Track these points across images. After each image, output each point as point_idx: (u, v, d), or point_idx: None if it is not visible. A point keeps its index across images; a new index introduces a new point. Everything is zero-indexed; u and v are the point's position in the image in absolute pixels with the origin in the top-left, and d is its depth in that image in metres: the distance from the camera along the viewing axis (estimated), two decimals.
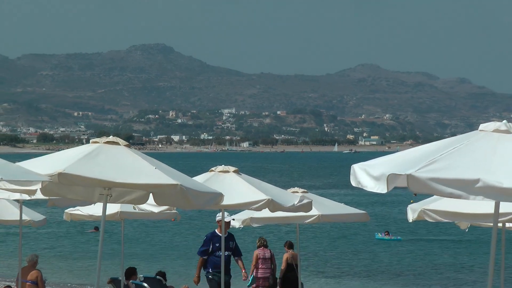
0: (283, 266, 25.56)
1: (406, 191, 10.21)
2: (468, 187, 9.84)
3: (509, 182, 9.73)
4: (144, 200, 14.24)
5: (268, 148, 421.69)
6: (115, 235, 49.18)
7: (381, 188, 9.88)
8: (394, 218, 66.03)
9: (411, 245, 52.72)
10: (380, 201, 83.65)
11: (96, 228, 35.12)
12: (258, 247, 25.63)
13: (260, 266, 25.24)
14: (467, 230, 18.11)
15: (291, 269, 25.17)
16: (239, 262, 20.02)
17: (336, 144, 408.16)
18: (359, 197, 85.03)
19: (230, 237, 19.92)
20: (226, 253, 19.56)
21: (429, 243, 53.67)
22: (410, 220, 14.90)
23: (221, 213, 18.98)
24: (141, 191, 13.98)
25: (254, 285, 25.20)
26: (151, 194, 13.76)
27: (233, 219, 19.74)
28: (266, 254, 25.13)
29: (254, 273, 25.35)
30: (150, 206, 18.09)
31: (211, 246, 19.70)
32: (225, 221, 19.29)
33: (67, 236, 54.61)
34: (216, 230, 19.84)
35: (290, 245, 26.01)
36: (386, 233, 55.64)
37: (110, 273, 26.67)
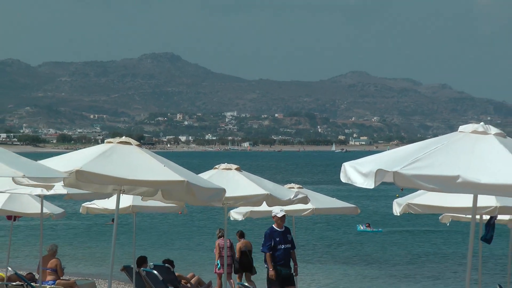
0: (237, 254, 26.22)
1: (392, 186, 10.19)
2: (449, 183, 9.84)
3: (486, 179, 9.71)
4: (153, 194, 14.24)
5: (267, 148, 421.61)
6: (127, 225, 49.16)
7: (369, 184, 9.88)
8: (381, 212, 65.94)
9: (394, 236, 52.70)
10: (367, 195, 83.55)
11: (113, 220, 35.08)
12: (219, 237, 26.26)
13: (222, 254, 25.38)
14: (448, 224, 18.09)
15: (245, 255, 26.06)
16: (293, 255, 19.27)
17: (334, 144, 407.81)
18: (349, 192, 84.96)
19: (287, 231, 19.27)
20: (287, 246, 19.00)
21: (411, 234, 53.66)
22: (397, 214, 14.91)
23: (277, 208, 18.68)
24: (150, 187, 13.97)
25: (221, 270, 25.62)
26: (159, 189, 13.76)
27: (285, 214, 19.20)
28: (226, 243, 25.29)
29: (219, 260, 26.06)
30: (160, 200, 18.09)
31: (272, 241, 18.88)
32: (279, 216, 18.94)
33: (84, 228, 54.63)
34: (273, 225, 19.22)
35: (241, 235, 26.94)
36: (367, 225, 55.50)
37: (123, 262, 26.62)
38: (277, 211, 18.80)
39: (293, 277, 19.03)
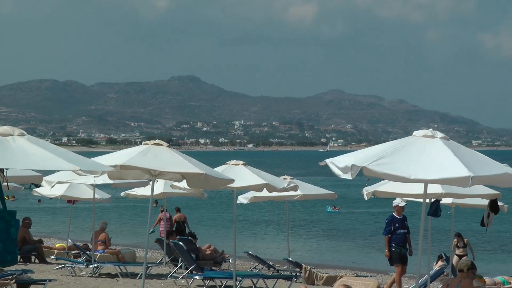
0: (173, 224, 26.66)
1: (362, 176, 10.17)
2: (405, 176, 9.85)
3: (432, 175, 9.73)
4: (179, 180, 14.20)
5: (266, 148, 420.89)
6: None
7: (346, 175, 9.88)
8: (352, 197, 65.74)
9: (362, 215, 52.56)
10: (343, 184, 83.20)
11: (156, 202, 35.04)
12: (161, 211, 26.86)
13: (161, 224, 26.21)
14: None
15: (179, 225, 26.38)
16: (408, 238, 17.79)
17: (329, 145, 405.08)
18: (329, 181, 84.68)
19: (404, 218, 17.95)
20: (404, 230, 17.70)
21: (375, 213, 53.53)
22: (365, 198, 14.89)
23: (399, 199, 17.59)
24: (177, 177, 13.97)
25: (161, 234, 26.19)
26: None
27: (406, 204, 17.89)
28: (166, 215, 26.11)
29: (158, 227, 26.88)
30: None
31: (392, 227, 17.70)
32: (400, 206, 17.85)
33: (126, 209, 54.57)
34: (393, 213, 18.02)
35: (178, 210, 27.36)
36: (333, 207, 55.13)
37: (156, 235, 26.55)
38: (399, 201, 17.77)
39: (407, 256, 17.81)
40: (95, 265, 20.24)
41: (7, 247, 9.63)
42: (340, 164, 10.06)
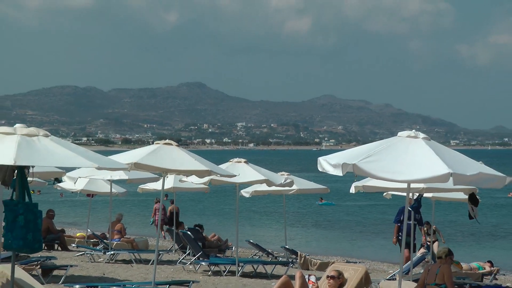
0: (168, 214, 26.98)
1: (351, 172, 10.16)
2: (389, 174, 9.84)
3: (415, 174, 9.72)
4: (189, 175, 14.19)
5: (266, 147, 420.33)
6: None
7: (337, 172, 9.87)
8: (343, 191, 65.68)
9: (351, 207, 52.56)
10: (333, 180, 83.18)
11: (166, 196, 35.07)
12: (156, 202, 27.85)
13: (157, 214, 26.84)
14: (389, 198, 18.07)
15: (172, 214, 26.41)
16: (422, 230, 16.93)
17: (324, 146, 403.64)
18: (321, 177, 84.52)
19: (416, 211, 17.13)
20: (414, 222, 16.90)
21: (362, 206, 53.54)
22: (353, 192, 14.89)
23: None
24: (186, 174, 13.96)
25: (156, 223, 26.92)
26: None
27: (422, 196, 16.76)
28: (160, 206, 25.84)
29: (153, 218, 27.78)
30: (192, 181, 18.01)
31: (401, 217, 17.03)
32: (410, 198, 16.50)
33: (140, 202, 54.52)
34: (402, 208, 16.90)
35: (172, 202, 27.51)
36: (320, 199, 54.66)
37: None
38: (431, 195, 16.85)
39: (411, 244, 16.71)
40: (112, 252, 20.29)
41: (35, 237, 9.70)
42: (332, 161, 10.07)
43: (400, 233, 16.99)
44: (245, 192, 21.45)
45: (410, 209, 16.99)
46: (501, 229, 38.50)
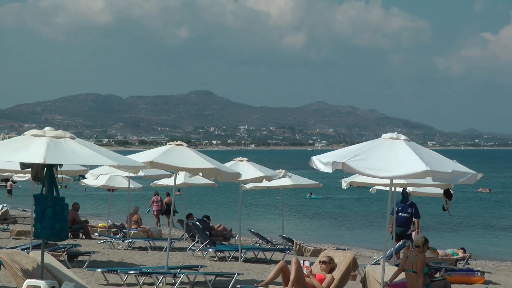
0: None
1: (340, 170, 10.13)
2: (374, 171, 9.82)
3: (397, 171, 9.68)
4: (196, 173, 14.17)
5: (265, 148, 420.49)
6: (181, 195, 48.76)
7: (328, 169, 9.84)
8: (333, 186, 65.51)
9: (342, 200, 52.45)
10: (324, 176, 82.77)
11: (178, 191, 35.18)
12: (154, 195, 28.21)
13: (155, 205, 27.68)
14: (374, 192, 18.03)
15: (167, 205, 27.49)
16: (416, 222, 16.20)
17: (320, 146, 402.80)
18: (315, 174, 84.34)
19: (410, 205, 16.35)
20: (405, 214, 16.14)
21: (351, 199, 53.47)
22: (343, 187, 14.85)
23: (409, 188, 15.57)
24: (195, 172, 13.93)
25: (154, 213, 27.84)
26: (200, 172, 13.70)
27: (405, 189, 15.82)
28: (158, 198, 27.85)
29: (151, 208, 28.20)
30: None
31: (396, 208, 15.65)
32: (407, 192, 16.21)
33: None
34: (399, 201, 16.17)
35: (168, 194, 28.31)
36: (310, 194, 54.36)
37: (179, 216, 26.48)
38: (411, 190, 16.22)
39: (402, 235, 16.10)
40: (130, 240, 20.30)
41: (62, 227, 9.73)
42: (324, 160, 10.05)
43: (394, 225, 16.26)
44: (247, 186, 21.43)
45: (402, 203, 16.45)
46: (472, 220, 38.49)
